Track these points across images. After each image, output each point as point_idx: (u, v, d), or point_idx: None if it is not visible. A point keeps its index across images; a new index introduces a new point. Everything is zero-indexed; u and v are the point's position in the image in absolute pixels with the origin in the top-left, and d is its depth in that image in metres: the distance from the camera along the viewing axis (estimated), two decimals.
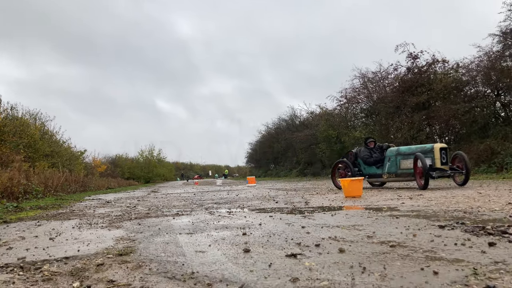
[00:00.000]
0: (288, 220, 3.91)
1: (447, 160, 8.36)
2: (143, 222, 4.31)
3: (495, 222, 3.14)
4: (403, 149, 9.21)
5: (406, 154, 8.90)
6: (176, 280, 1.80)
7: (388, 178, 9.27)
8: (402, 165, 8.88)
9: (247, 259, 2.17)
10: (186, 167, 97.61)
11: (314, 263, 2.01)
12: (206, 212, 5.26)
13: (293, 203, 6.20)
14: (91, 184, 21.94)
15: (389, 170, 9.19)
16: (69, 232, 3.69)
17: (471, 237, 2.51)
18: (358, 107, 30.88)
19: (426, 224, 3.16)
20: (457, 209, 4.18)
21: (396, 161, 9.05)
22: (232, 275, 1.84)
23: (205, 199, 8.38)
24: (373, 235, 2.79)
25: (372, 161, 9.79)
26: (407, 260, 2.01)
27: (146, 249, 2.62)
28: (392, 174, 9.11)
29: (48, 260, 2.39)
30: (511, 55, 20.46)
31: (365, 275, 1.75)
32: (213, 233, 3.24)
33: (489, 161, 17.12)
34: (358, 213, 4.30)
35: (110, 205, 7.85)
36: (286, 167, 41.99)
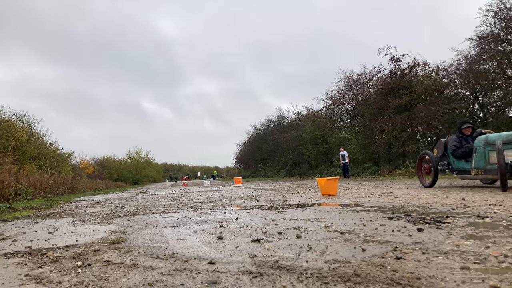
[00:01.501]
0: (263, 215, 4.39)
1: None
2: (132, 218, 4.74)
3: (437, 214, 3.66)
4: (492, 137, 6.77)
5: (495, 144, 6.55)
6: (159, 259, 2.25)
7: (476, 175, 7.16)
8: (492, 158, 6.61)
9: (219, 244, 2.64)
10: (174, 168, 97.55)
11: (273, 246, 2.48)
12: (191, 210, 5.70)
13: (272, 201, 6.67)
14: (79, 186, 22.11)
15: (477, 165, 6.97)
16: (65, 227, 4.10)
17: (407, 225, 3.01)
18: (343, 109, 31.60)
19: (379, 217, 3.66)
20: (414, 204, 4.71)
21: (484, 153, 6.80)
22: (204, 254, 2.30)
23: (191, 199, 8.81)
24: (330, 225, 3.28)
25: (460, 153, 7.63)
26: (348, 242, 2.49)
27: (135, 238, 3.06)
28: (481, 170, 6.90)
29: (52, 248, 2.82)
30: (487, 59, 21.31)
31: (309, 252, 2.23)
32: (194, 226, 3.69)
33: None
34: (325, 208, 4.80)
35: (100, 205, 8.22)
36: (274, 168, 42.52)
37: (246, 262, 2.07)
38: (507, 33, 19.79)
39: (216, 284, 1.67)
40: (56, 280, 1.86)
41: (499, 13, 19.70)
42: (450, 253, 2.06)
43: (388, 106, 22.45)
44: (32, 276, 1.97)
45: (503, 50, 20.28)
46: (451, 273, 1.68)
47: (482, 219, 3.21)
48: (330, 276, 1.71)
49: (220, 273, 1.86)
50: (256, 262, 2.05)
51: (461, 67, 21.87)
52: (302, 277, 1.72)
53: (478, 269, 1.71)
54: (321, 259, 2.05)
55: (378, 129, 23.47)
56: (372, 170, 23.10)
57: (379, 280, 1.61)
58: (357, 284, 1.57)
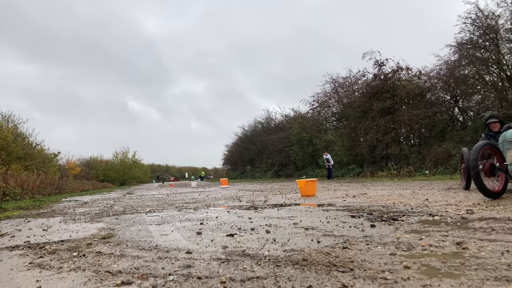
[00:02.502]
0: (241, 214, 4.78)
1: None
2: (120, 217, 5.08)
3: (396, 213, 4.10)
4: (509, 134, 5.63)
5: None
6: (145, 250, 2.62)
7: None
8: (509, 157, 5.45)
9: (197, 238, 3.02)
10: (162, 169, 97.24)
11: (243, 239, 2.87)
12: (176, 209, 6.06)
13: (253, 201, 7.06)
14: (66, 186, 22.18)
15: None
16: (58, 225, 4.43)
17: (364, 222, 3.44)
18: (329, 111, 32.22)
19: (343, 215, 4.08)
20: (380, 204, 5.15)
21: (503, 151, 5.61)
22: (183, 246, 2.68)
23: (177, 200, 9.15)
24: (299, 223, 3.68)
25: None
26: (308, 236, 2.90)
27: (123, 234, 3.42)
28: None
29: (48, 242, 3.16)
30: (466, 65, 22.09)
31: (273, 244, 2.63)
32: (177, 223, 4.06)
33: (445, 163, 18.54)
34: (300, 208, 5.21)
35: (88, 205, 8.51)
36: (262, 169, 42.92)
37: (218, 252, 2.45)
38: (485, 40, 20.56)
39: (190, 267, 2.05)
40: (56, 266, 2.21)
41: (477, 21, 20.46)
42: (388, 243, 2.47)
43: (372, 109, 23.05)
44: (35, 264, 2.32)
45: (481, 56, 21.06)
46: (380, 258, 2.09)
47: (432, 217, 3.65)
48: (284, 261, 2.10)
49: (195, 260, 2.24)
50: (226, 251, 2.44)
51: (442, 72, 22.62)
52: (261, 262, 2.11)
53: (403, 255, 2.13)
54: (280, 249, 2.44)
55: (362, 132, 24.05)
56: (356, 171, 23.67)
57: (321, 263, 2.01)
58: (302, 266, 1.97)
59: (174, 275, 1.89)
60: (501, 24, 19.75)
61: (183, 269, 2.01)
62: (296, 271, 1.89)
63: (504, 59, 19.58)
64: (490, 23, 20.16)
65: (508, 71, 19.25)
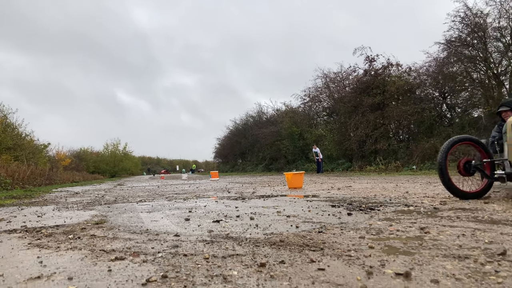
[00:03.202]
0: (229, 203, 4.99)
1: None
2: (112, 206, 5.26)
3: (374, 203, 4.34)
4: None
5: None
6: (136, 233, 2.82)
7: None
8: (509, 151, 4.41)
9: (185, 223, 3.23)
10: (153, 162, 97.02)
11: (228, 225, 3.08)
12: (166, 199, 6.25)
13: (242, 193, 7.28)
14: (56, 177, 22.17)
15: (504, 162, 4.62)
16: (51, 213, 4.60)
17: (342, 211, 3.67)
18: (320, 106, 32.49)
19: (325, 205, 4.32)
20: (362, 196, 5.40)
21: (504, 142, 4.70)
22: (172, 230, 2.88)
23: (167, 191, 9.33)
24: (282, 211, 3.91)
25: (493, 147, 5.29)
26: (289, 222, 3.12)
27: (115, 220, 3.61)
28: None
29: (44, 227, 3.34)
30: (455, 62, 22.46)
31: (255, 229, 2.84)
32: (167, 211, 4.26)
33: (432, 159, 18.94)
34: (285, 199, 5.44)
35: (79, 195, 8.65)
36: (253, 163, 43.16)
37: (204, 235, 2.66)
38: (473, 38, 20.92)
39: (178, 247, 2.25)
40: (54, 246, 2.40)
41: (466, 19, 20.79)
42: (360, 229, 2.70)
43: (362, 105, 23.36)
44: (34, 244, 2.50)
45: (469, 54, 21.43)
46: (350, 240, 2.31)
47: (407, 207, 3.89)
48: (263, 242, 2.32)
49: (182, 241, 2.44)
50: (212, 235, 2.65)
51: (431, 69, 22.98)
52: (242, 243, 2.32)
53: (370, 238, 2.36)
54: (261, 233, 2.66)
55: (352, 127, 24.37)
56: (346, 166, 24.02)
57: (296, 244, 2.23)
58: (279, 246, 2.18)
59: (162, 253, 2.10)
60: (489, 23, 20.10)
61: (171, 249, 2.21)
62: (272, 250, 2.10)
63: (491, 57, 19.96)
64: (479, 21, 20.50)
65: (495, 69, 19.65)
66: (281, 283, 1.50)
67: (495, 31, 19.98)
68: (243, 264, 1.80)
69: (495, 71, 19.57)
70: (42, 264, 1.93)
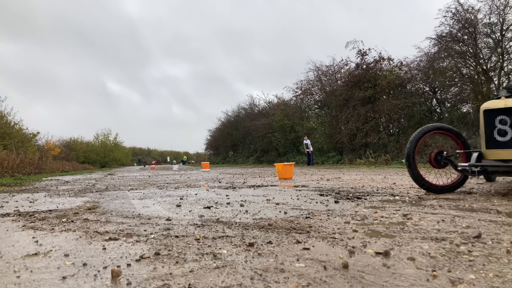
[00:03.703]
0: (220, 192, 5.07)
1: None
2: (103, 193, 5.31)
3: (362, 193, 4.46)
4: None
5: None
6: (128, 218, 2.89)
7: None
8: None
9: (177, 209, 3.30)
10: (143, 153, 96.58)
11: (219, 211, 3.17)
12: (157, 188, 6.31)
13: (233, 183, 7.37)
14: (46, 166, 22.04)
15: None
16: (43, 199, 4.64)
17: (330, 199, 3.78)
18: (312, 99, 32.60)
19: (313, 194, 4.42)
20: (350, 186, 5.52)
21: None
22: (164, 215, 2.96)
23: (158, 180, 9.38)
24: (272, 199, 4.00)
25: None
26: (278, 209, 3.21)
27: (108, 206, 3.68)
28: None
29: (37, 211, 3.39)
30: (446, 57, 22.67)
31: (244, 214, 2.93)
32: (158, 198, 4.33)
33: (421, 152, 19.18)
34: (275, 188, 5.54)
35: (70, 184, 8.66)
36: (244, 155, 43.24)
37: (195, 219, 2.74)
38: (463, 33, 21.12)
39: (169, 230, 2.33)
40: (48, 228, 2.46)
41: (457, 15, 20.97)
42: (346, 215, 2.80)
43: (353, 98, 23.51)
44: (28, 227, 2.56)
45: (459, 49, 21.65)
46: (335, 225, 2.41)
47: (393, 197, 4.01)
48: (252, 226, 2.41)
49: (173, 225, 2.52)
50: (202, 219, 2.73)
51: (422, 64, 23.17)
52: (232, 226, 2.41)
53: (355, 223, 2.46)
54: (251, 218, 2.75)
55: (343, 120, 24.54)
56: (336, 159, 24.22)
57: (284, 227, 2.32)
58: (267, 230, 2.28)
59: (155, 234, 2.18)
60: (480, 19, 20.30)
61: (163, 231, 2.29)
62: (261, 232, 2.19)
63: (481, 53, 20.20)
64: (469, 17, 20.69)
65: (484, 65, 19.90)
66: (267, 259, 1.58)
67: (486, 27, 20.19)
68: (232, 244, 1.88)
69: (484, 67, 19.82)
70: (38, 243, 2.00)
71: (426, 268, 1.43)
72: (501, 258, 1.53)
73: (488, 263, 1.47)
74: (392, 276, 1.35)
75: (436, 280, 1.29)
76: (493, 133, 3.89)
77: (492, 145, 3.90)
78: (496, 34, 19.83)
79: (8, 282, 1.33)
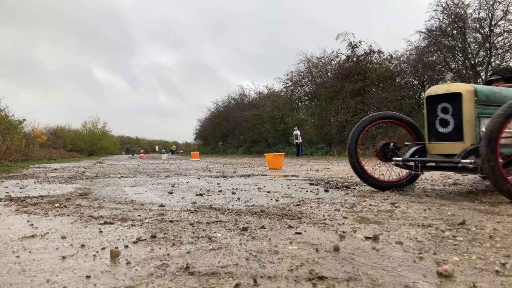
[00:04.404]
0: (211, 181, 5.11)
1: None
2: (94, 180, 5.31)
3: (351, 183, 4.54)
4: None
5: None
6: (121, 204, 2.91)
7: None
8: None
9: (169, 196, 3.34)
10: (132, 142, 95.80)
11: (211, 198, 3.21)
12: (147, 176, 6.32)
13: (223, 172, 7.41)
14: (32, 154, 21.76)
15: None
16: (33, 185, 4.62)
17: (320, 188, 3.85)
18: (302, 90, 32.65)
19: (303, 183, 4.49)
20: (339, 177, 5.60)
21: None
22: (156, 201, 2.99)
23: (148, 169, 9.37)
24: (263, 188, 4.06)
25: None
26: (269, 197, 3.27)
27: (100, 192, 3.69)
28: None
29: (28, 196, 3.39)
30: (435, 51, 22.87)
31: (237, 201, 2.98)
32: (150, 186, 4.35)
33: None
34: (265, 177, 5.61)
35: (59, 171, 8.60)
36: (233, 145, 43.20)
37: (188, 206, 2.78)
38: (453, 28, 21.31)
39: (163, 215, 2.37)
40: (42, 213, 2.48)
41: (447, 9, 21.12)
42: (336, 203, 2.87)
43: (343, 90, 23.63)
44: (21, 211, 2.57)
45: (448, 44, 21.86)
46: (326, 212, 2.48)
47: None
48: (245, 212, 2.46)
49: (167, 211, 2.56)
50: (195, 206, 2.77)
51: (411, 57, 23.38)
52: (225, 212, 2.46)
53: (345, 210, 2.53)
54: (243, 205, 2.80)
55: (333, 112, 24.67)
56: (325, 150, 24.40)
57: (276, 214, 2.37)
58: (260, 216, 2.33)
59: (149, 219, 2.21)
60: (469, 14, 20.49)
61: (157, 216, 2.32)
62: (253, 218, 2.25)
63: (469, 48, 20.44)
64: (459, 12, 20.85)
65: (472, 60, 20.15)
66: (261, 242, 1.64)
67: (475, 22, 20.39)
68: (226, 229, 1.93)
69: (472, 61, 20.07)
70: (33, 226, 2.02)
71: (413, 251, 1.50)
72: (484, 243, 1.60)
73: (471, 247, 1.54)
74: (381, 258, 1.41)
75: (422, 261, 1.36)
76: (435, 123, 3.36)
77: (435, 137, 3.39)
78: (484, 29, 20.05)
79: (8, 261, 1.36)
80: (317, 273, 1.21)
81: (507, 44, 19.75)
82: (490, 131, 2.70)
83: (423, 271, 1.25)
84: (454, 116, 3.21)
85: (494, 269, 1.25)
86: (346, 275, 1.21)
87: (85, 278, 1.17)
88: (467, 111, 3.11)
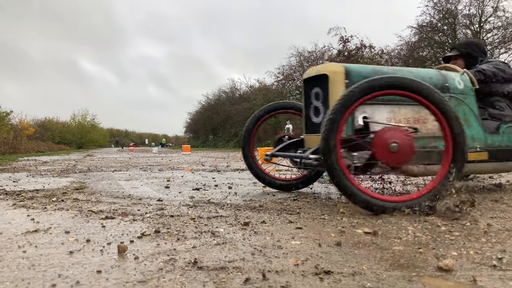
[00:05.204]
0: (206, 175, 5.13)
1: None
2: (88, 174, 5.28)
3: None
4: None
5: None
6: (119, 198, 2.92)
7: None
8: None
9: (166, 190, 3.35)
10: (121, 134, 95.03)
11: (209, 192, 3.24)
12: (141, 170, 6.31)
13: (216, 166, 7.43)
14: (20, 146, 21.48)
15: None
16: (26, 179, 4.58)
17: (315, 183, 3.89)
18: (293, 84, 32.71)
19: None
20: None
21: None
22: (154, 196, 3.00)
23: (140, 162, 9.34)
24: (258, 182, 4.08)
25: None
26: (266, 192, 3.31)
27: (95, 186, 3.68)
28: None
29: (23, 190, 3.37)
30: (425, 46, 23.07)
31: (234, 196, 3.01)
32: (145, 180, 4.36)
33: None
34: None
35: (49, 164, 8.52)
36: (224, 138, 43.15)
37: (186, 200, 2.80)
38: (443, 24, 21.50)
39: (163, 210, 2.39)
40: (41, 207, 2.48)
41: (438, 4, 21.28)
42: (333, 198, 2.92)
43: None
44: (19, 205, 2.56)
45: (439, 39, 22.06)
46: (323, 206, 2.52)
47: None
48: (243, 207, 2.49)
49: (166, 205, 2.57)
50: (194, 200, 2.79)
51: (402, 53, 23.57)
52: (224, 207, 2.49)
53: (342, 206, 2.57)
54: (241, 199, 2.83)
55: None
56: None
57: (273, 209, 2.41)
58: (259, 210, 2.36)
59: (149, 214, 2.23)
60: (460, 10, 20.68)
61: (157, 211, 2.34)
62: (253, 213, 2.28)
63: None
64: (450, 8, 21.02)
65: None
66: (264, 237, 1.67)
67: (465, 18, 20.59)
68: (228, 223, 1.96)
69: None
70: (35, 221, 2.02)
71: (412, 245, 1.55)
72: (480, 238, 1.66)
73: (468, 242, 1.60)
74: (382, 252, 1.46)
75: (423, 255, 1.41)
76: (310, 111, 2.88)
77: (309, 128, 2.91)
78: (474, 26, 20.25)
79: (16, 256, 1.37)
80: (323, 268, 1.24)
81: (496, 40, 20.01)
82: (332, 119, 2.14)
83: (424, 264, 1.30)
84: (324, 103, 2.67)
85: (491, 264, 1.30)
86: (351, 269, 1.25)
87: (96, 273, 1.19)
88: (335, 96, 2.42)
